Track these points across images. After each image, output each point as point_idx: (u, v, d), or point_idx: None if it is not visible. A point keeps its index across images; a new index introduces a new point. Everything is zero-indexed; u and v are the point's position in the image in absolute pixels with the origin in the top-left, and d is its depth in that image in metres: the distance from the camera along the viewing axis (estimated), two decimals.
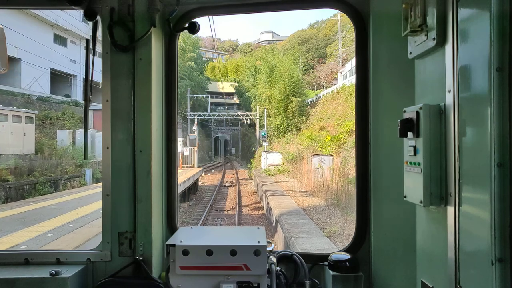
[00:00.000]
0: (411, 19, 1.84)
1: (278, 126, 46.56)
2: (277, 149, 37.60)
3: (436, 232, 1.74)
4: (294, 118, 45.81)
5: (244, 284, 2.06)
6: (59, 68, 39.31)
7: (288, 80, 46.76)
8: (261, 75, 53.45)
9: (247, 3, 2.68)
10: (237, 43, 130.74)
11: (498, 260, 1.33)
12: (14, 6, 2.62)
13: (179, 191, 2.94)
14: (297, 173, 27.14)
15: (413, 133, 1.76)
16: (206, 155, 68.24)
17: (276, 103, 47.46)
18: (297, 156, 30.62)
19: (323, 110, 41.95)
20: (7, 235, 10.15)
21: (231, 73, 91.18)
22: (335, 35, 77.44)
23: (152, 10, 2.39)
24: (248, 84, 64.45)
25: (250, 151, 58.67)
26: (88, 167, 26.18)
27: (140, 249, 2.42)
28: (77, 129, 31.26)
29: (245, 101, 66.08)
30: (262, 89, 51.05)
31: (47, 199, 17.96)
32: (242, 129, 73.56)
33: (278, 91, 47.10)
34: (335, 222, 13.28)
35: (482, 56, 1.40)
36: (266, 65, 51.59)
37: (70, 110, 35.94)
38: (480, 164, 1.42)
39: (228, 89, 78.99)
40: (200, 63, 70.72)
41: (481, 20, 1.42)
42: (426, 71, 1.86)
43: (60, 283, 2.27)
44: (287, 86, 46.49)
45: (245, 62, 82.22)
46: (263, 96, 49.72)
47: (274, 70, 49.48)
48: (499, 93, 1.34)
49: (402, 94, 2.19)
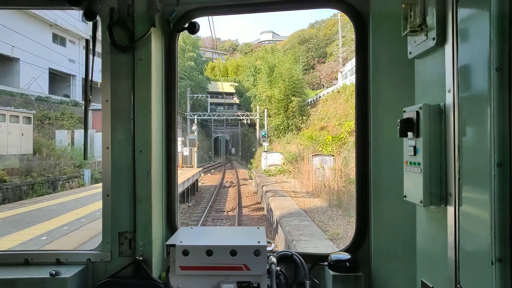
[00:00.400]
0: (411, 19, 1.83)
1: (278, 126, 46.27)
2: (277, 149, 37.35)
3: (436, 232, 1.74)
4: (294, 118, 45.53)
5: (244, 284, 2.06)
6: (58, 68, 39.11)
7: (288, 80, 46.36)
8: (261, 75, 53.08)
9: (246, 3, 2.68)
10: (237, 43, 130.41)
11: (498, 260, 1.33)
12: (13, 7, 2.62)
13: (178, 192, 2.91)
14: (298, 173, 26.81)
15: (413, 133, 1.76)
16: (206, 155, 67.89)
17: (276, 103, 47.13)
18: (297, 156, 30.26)
19: (324, 110, 41.81)
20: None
21: (231, 73, 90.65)
22: (335, 34, 77.16)
23: (152, 10, 2.39)
24: (248, 84, 64.12)
25: (250, 151, 58.26)
26: (87, 168, 25.97)
27: (140, 249, 2.42)
28: (76, 129, 31.06)
29: (245, 101, 65.81)
30: (262, 89, 50.61)
31: (43, 200, 17.69)
32: (242, 129, 73.13)
33: (278, 91, 46.70)
34: (338, 224, 13.08)
35: (482, 56, 1.40)
36: (266, 65, 51.25)
37: (69, 110, 35.83)
38: (480, 164, 1.42)
39: (228, 89, 78.71)
40: (200, 63, 70.56)
41: (481, 20, 1.42)
42: (426, 71, 1.85)
43: (60, 283, 2.27)
44: (287, 86, 46.13)
45: (245, 62, 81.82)
46: (263, 96, 49.34)
47: (274, 70, 49.19)
48: (499, 93, 1.34)
49: (402, 94, 2.18)
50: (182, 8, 2.58)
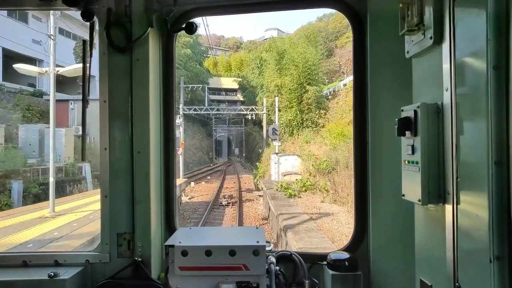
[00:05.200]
0: (408, 18, 1.84)
1: (290, 121, 37.07)
2: (291, 150, 29.04)
3: (434, 231, 1.75)
4: (310, 112, 36.59)
5: (243, 284, 2.05)
6: (17, 50, 31.63)
7: (303, 65, 37.05)
8: (269, 62, 44.53)
9: (244, 3, 2.68)
10: (241, 40, 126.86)
11: (496, 258, 1.34)
12: (10, 7, 2.78)
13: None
14: (342, 192, 16.12)
15: (411, 132, 1.77)
16: (206, 156, 62.73)
17: (287, 94, 37.88)
18: (334, 164, 19.89)
19: (349, 100, 33.29)
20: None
21: (234, 69, 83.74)
22: (346, 27, 69.61)
23: (149, 10, 2.41)
24: (253, 77, 56.17)
25: (255, 152, 51.77)
26: (19, 178, 17.90)
27: (139, 250, 2.43)
28: (22, 124, 23.41)
29: (250, 94, 58.03)
30: (270, 78, 41.78)
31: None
32: (246, 127, 66.81)
33: (290, 79, 37.46)
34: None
35: (479, 55, 1.41)
36: (274, 51, 43.04)
37: (26, 101, 28.36)
38: (478, 162, 1.43)
39: (231, 84, 72.88)
40: (198, 52, 63.31)
41: (477, 19, 1.43)
42: (423, 70, 1.87)
43: (59, 285, 2.28)
44: (301, 73, 37.03)
45: (250, 56, 74.04)
46: (271, 85, 40.76)
47: (284, 56, 41.20)
48: (496, 91, 1.35)
49: (400, 93, 2.16)
50: (179, 8, 2.58)
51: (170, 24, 2.56)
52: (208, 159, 63.35)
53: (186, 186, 24.81)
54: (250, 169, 46.84)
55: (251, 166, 48.61)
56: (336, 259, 2.38)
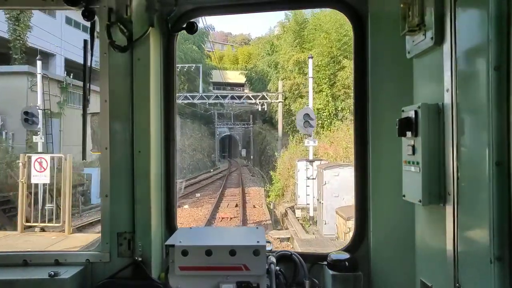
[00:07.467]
0: (409, 19, 1.85)
1: (319, 111, 25.80)
2: (326, 153, 17.62)
3: (435, 231, 1.75)
4: (348, 98, 25.49)
5: (243, 284, 2.06)
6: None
7: (336, 31, 26.23)
8: (286, 35, 33.45)
9: (245, 3, 2.71)
10: (249, 37, 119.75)
11: (496, 259, 1.34)
12: (11, 6, 2.80)
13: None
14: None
15: (411, 133, 1.78)
16: (207, 159, 52.84)
17: (314, 73, 27.23)
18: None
19: None
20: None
21: (241, 62, 74.58)
22: None
23: (150, 10, 2.44)
24: (263, 65, 45.23)
25: (265, 155, 42.07)
26: None
27: (139, 250, 2.45)
28: None
29: (258, 84, 46.61)
30: (287, 55, 30.63)
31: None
32: (255, 126, 56.40)
33: (318, 52, 26.29)
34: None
35: (480, 55, 1.42)
36: (293, 20, 31.97)
37: None
38: (478, 163, 1.43)
39: (238, 78, 63.20)
40: (197, 35, 52.68)
41: (479, 19, 1.44)
42: (424, 70, 1.88)
43: (59, 284, 2.31)
44: (333, 42, 26.10)
45: (259, 45, 63.07)
46: (289, 63, 29.56)
47: (305, 27, 30.21)
48: (497, 91, 1.35)
49: (401, 93, 2.18)
50: (180, 8, 2.62)
51: (171, 24, 2.63)
52: (210, 162, 53.56)
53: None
54: (259, 175, 36.45)
55: (260, 172, 39.05)
56: (336, 259, 2.40)
